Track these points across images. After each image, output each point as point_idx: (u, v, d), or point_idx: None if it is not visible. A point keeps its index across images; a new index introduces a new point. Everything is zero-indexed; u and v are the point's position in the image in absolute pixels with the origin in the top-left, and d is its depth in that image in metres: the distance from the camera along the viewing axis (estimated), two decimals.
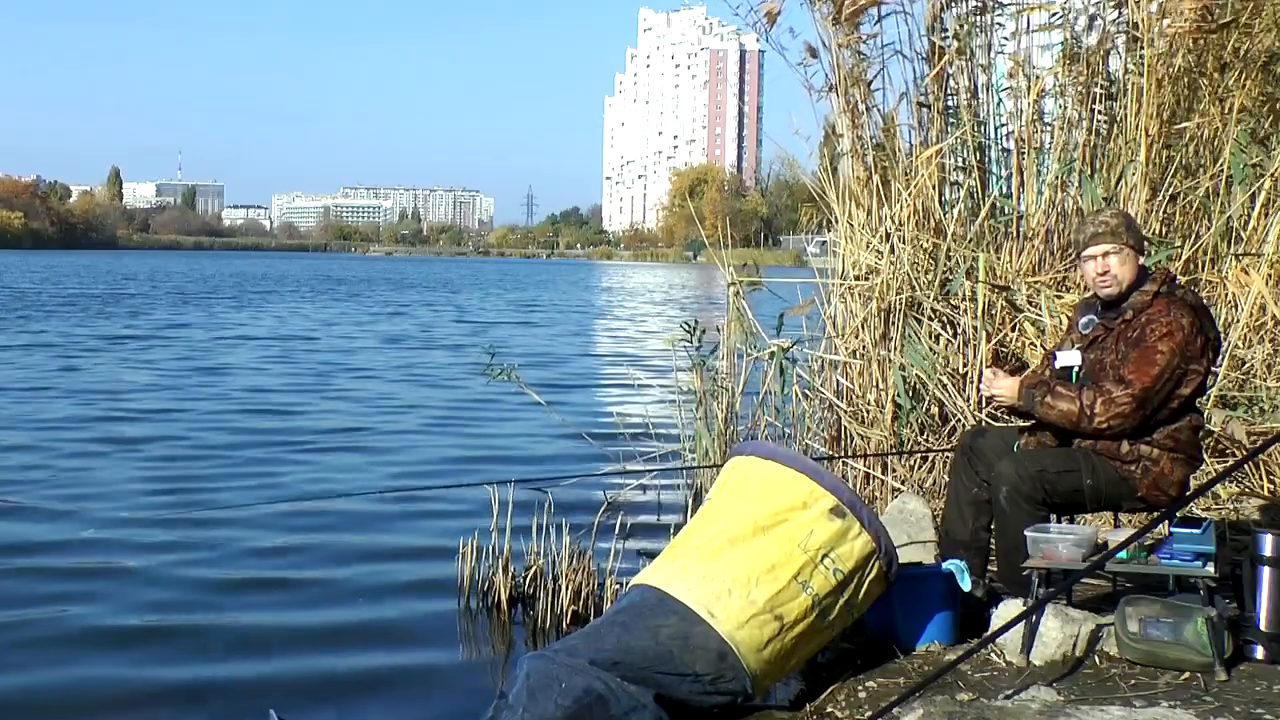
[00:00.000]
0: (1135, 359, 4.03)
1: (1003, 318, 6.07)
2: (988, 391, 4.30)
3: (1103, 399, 4.01)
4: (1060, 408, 4.06)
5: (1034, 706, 3.41)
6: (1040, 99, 6.47)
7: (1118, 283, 4.18)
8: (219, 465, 8.42)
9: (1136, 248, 4.20)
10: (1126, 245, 4.16)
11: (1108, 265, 4.17)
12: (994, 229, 6.34)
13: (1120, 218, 4.22)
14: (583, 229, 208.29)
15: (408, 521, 6.81)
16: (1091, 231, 4.21)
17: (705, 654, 3.52)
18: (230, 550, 6.14)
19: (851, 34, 6.28)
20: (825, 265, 6.66)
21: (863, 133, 6.37)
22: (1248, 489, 5.69)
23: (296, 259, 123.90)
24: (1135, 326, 4.11)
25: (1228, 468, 4.89)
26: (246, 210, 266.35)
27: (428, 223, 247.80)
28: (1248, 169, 6.00)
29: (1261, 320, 5.94)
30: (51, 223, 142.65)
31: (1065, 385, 4.13)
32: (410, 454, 9.11)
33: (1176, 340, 4.02)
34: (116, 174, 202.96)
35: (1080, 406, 4.03)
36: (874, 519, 3.76)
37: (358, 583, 5.61)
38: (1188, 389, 4.08)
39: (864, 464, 6.10)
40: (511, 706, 3.43)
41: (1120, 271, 4.17)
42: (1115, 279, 4.18)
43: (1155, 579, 3.89)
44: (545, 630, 4.92)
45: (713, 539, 3.72)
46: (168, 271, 58.63)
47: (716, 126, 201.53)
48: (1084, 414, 4.02)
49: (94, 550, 6.08)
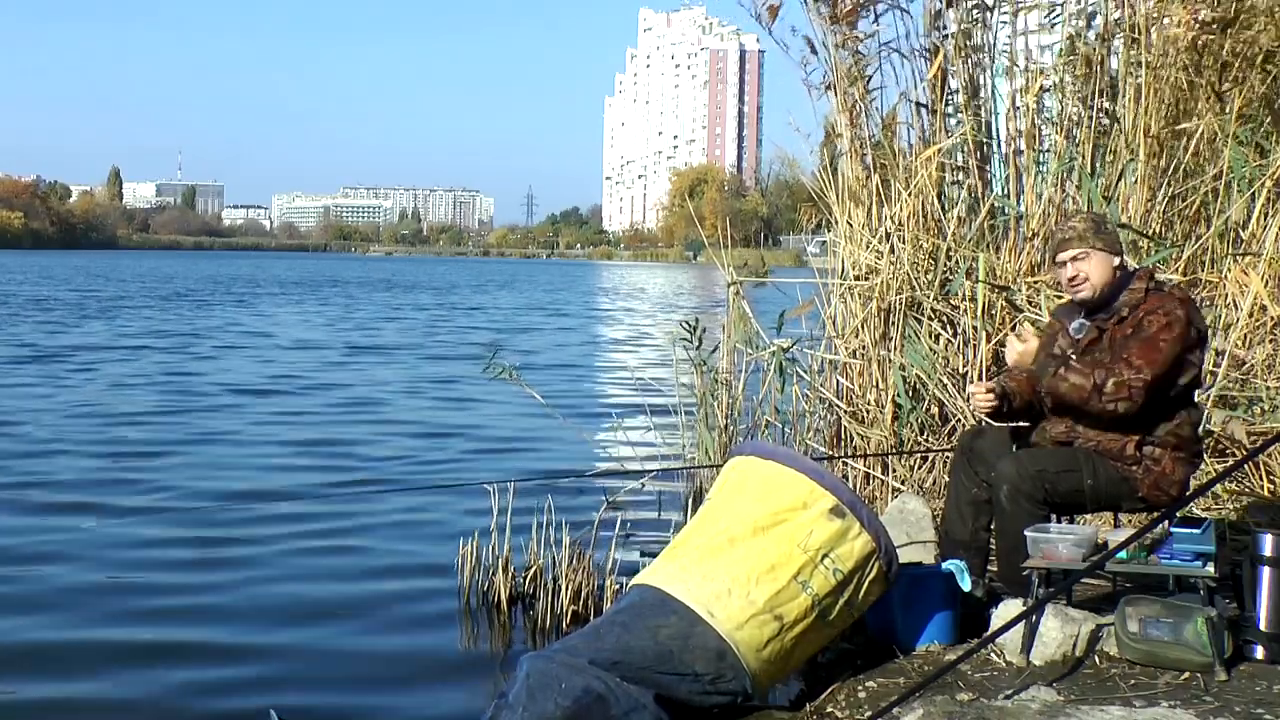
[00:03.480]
0: (1139, 348, 4.03)
1: (1003, 318, 6.07)
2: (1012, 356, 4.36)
3: (1115, 379, 3.99)
4: (1073, 380, 4.04)
5: (1034, 706, 3.41)
6: (1040, 98, 6.47)
7: (1091, 286, 4.20)
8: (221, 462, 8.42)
9: (1108, 249, 4.19)
10: (1095, 248, 4.17)
11: (1078, 269, 4.19)
12: (994, 229, 6.34)
13: (1088, 222, 4.22)
14: (583, 229, 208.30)
15: (408, 521, 6.81)
16: (1060, 238, 4.24)
17: (705, 654, 3.52)
18: (228, 545, 6.13)
19: (849, 32, 6.28)
20: (825, 265, 6.66)
21: (862, 132, 6.37)
22: (1248, 489, 5.69)
23: (295, 259, 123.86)
24: (1132, 322, 4.12)
25: (1228, 468, 4.90)
26: (246, 210, 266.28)
27: (428, 223, 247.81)
28: (1248, 169, 6.00)
29: (1261, 320, 5.94)
30: (51, 223, 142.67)
31: (1082, 361, 4.11)
32: (410, 453, 9.11)
33: (1176, 331, 4.04)
34: (116, 174, 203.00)
35: (1093, 383, 4.00)
36: (874, 519, 3.76)
37: (357, 582, 5.61)
38: (1185, 378, 4.11)
39: (864, 464, 6.10)
40: (511, 706, 3.43)
41: (1093, 275, 4.18)
42: (1089, 283, 4.20)
43: (1155, 579, 3.89)
44: (545, 630, 4.92)
45: (713, 539, 3.72)
46: (163, 273, 58.57)
47: (716, 126, 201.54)
48: (1095, 390, 4.00)
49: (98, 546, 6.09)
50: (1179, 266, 6.00)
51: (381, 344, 19.86)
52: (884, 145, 6.36)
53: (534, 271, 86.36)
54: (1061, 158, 6.24)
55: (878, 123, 6.45)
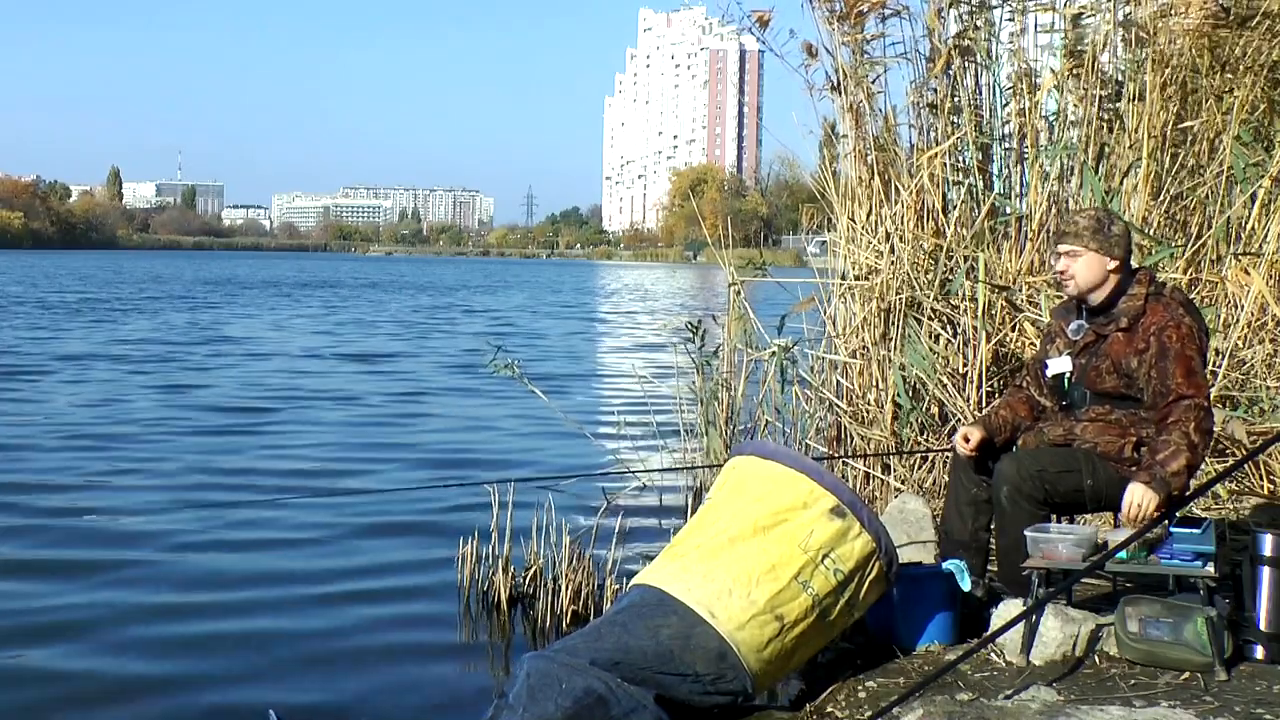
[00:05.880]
0: (1178, 372, 4.01)
1: (1003, 318, 6.07)
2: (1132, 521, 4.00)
3: (1192, 424, 3.95)
4: (1180, 463, 3.92)
5: (1034, 706, 3.41)
6: (1042, 98, 6.46)
7: (1076, 285, 4.20)
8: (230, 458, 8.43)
9: (1103, 251, 4.15)
10: (1089, 248, 4.15)
11: (1067, 265, 4.19)
12: (994, 229, 6.34)
13: (1092, 220, 4.19)
14: (583, 229, 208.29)
15: (408, 521, 6.81)
16: (1061, 229, 4.26)
17: (705, 654, 3.52)
18: (229, 548, 6.14)
19: (855, 33, 6.28)
20: (825, 265, 6.66)
21: (864, 132, 6.37)
22: (1248, 489, 5.70)
23: (294, 259, 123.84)
24: (1142, 338, 4.10)
25: (1228, 468, 4.90)
26: (246, 210, 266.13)
27: (428, 223, 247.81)
28: (1248, 168, 6.00)
29: (1261, 320, 5.94)
30: (51, 223, 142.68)
31: (1156, 445, 3.98)
32: (410, 453, 9.11)
33: (1195, 340, 4.09)
34: (116, 174, 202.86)
35: (1190, 446, 3.92)
36: (874, 519, 3.76)
37: (357, 582, 5.61)
38: None
39: (864, 464, 6.10)
40: (511, 706, 3.43)
41: (1080, 274, 4.17)
42: (1074, 282, 4.19)
43: (1155, 579, 3.89)
44: (545, 630, 4.92)
45: (713, 539, 3.72)
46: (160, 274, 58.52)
47: (716, 126, 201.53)
48: (1195, 450, 3.94)
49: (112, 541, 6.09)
50: (1179, 266, 6.00)
51: (377, 352, 19.85)
52: (886, 145, 6.36)
53: (534, 271, 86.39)
54: (1062, 157, 6.24)
55: (880, 123, 6.46)
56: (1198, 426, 3.95)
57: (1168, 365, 4.03)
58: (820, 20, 6.36)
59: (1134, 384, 4.11)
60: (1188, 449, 3.92)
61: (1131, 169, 6.09)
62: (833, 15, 6.28)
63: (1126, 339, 4.13)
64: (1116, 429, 4.13)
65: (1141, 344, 4.10)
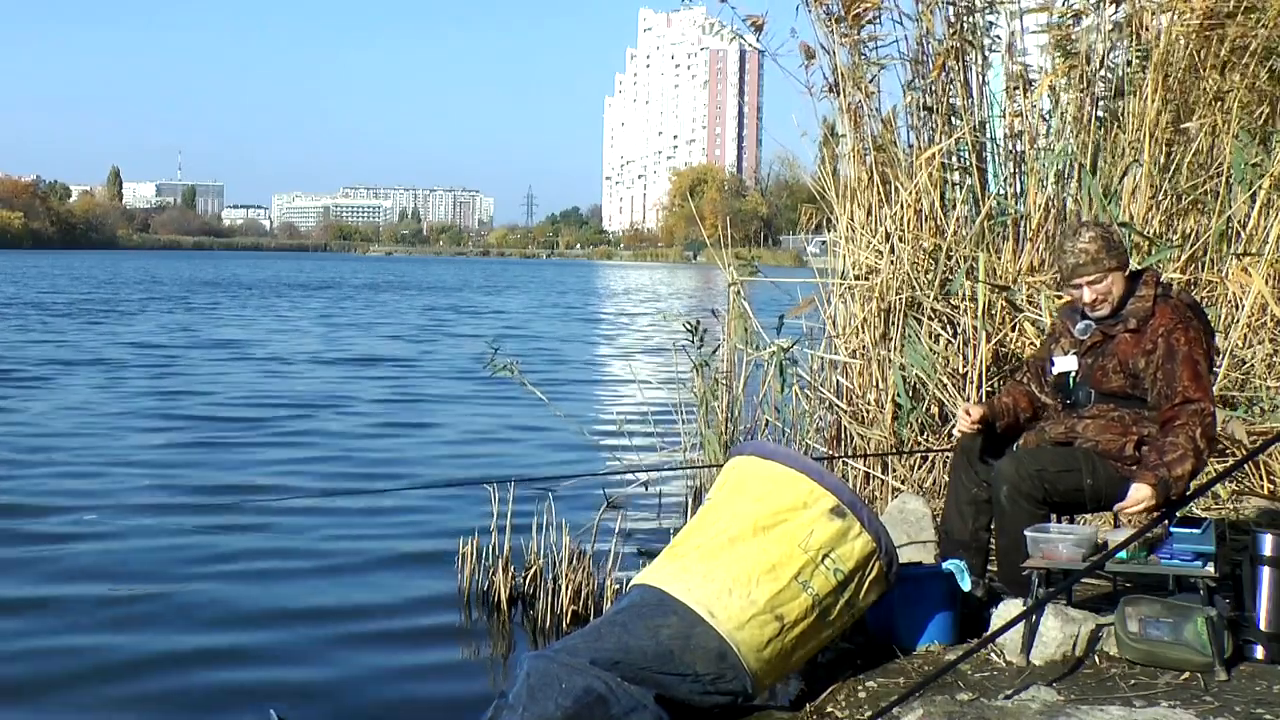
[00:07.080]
0: (1185, 375, 4.03)
1: (1003, 318, 6.07)
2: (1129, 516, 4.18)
3: (1199, 430, 3.96)
4: (1185, 467, 3.93)
5: (1034, 706, 3.42)
6: (1040, 98, 6.46)
7: (1110, 304, 4.22)
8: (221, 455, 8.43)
9: (1120, 265, 4.19)
10: (1110, 269, 4.17)
11: (1097, 293, 4.19)
12: (994, 229, 6.34)
13: (1098, 241, 4.18)
14: (583, 229, 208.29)
15: (408, 520, 6.81)
16: (1073, 263, 4.20)
17: (705, 654, 3.52)
18: (229, 548, 6.14)
19: (854, 34, 6.29)
20: (825, 265, 6.66)
21: (864, 133, 6.37)
22: (1248, 489, 5.70)
23: (294, 259, 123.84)
24: (1149, 339, 4.12)
25: (1228, 468, 4.90)
26: (246, 210, 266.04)
27: (428, 223, 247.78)
28: (1248, 168, 5.99)
29: (1261, 320, 5.95)
30: (51, 223, 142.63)
31: (1162, 446, 3.98)
32: (409, 453, 9.11)
33: (1202, 342, 4.13)
34: (116, 174, 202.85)
35: (1195, 451, 3.94)
36: (874, 519, 3.76)
37: (357, 582, 5.62)
38: None
39: (864, 464, 6.10)
40: (511, 706, 3.43)
41: (1114, 295, 4.20)
42: (1107, 302, 4.21)
43: (1155, 579, 3.89)
44: (545, 630, 4.92)
45: (713, 539, 3.72)
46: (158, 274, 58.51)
47: (716, 126, 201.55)
48: (1200, 455, 3.96)
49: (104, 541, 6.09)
50: (1179, 266, 6.00)
51: (377, 355, 19.85)
52: (885, 146, 6.36)
53: (535, 272, 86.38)
54: (1061, 157, 6.24)
55: (879, 123, 6.46)
56: (1204, 432, 3.97)
57: (1175, 367, 4.05)
58: (818, 22, 6.37)
59: (1139, 384, 4.14)
60: (1193, 454, 3.94)
61: (1132, 169, 6.09)
62: (830, 17, 6.30)
63: (1134, 340, 4.15)
64: (1118, 427, 4.14)
65: (1149, 345, 4.12)
